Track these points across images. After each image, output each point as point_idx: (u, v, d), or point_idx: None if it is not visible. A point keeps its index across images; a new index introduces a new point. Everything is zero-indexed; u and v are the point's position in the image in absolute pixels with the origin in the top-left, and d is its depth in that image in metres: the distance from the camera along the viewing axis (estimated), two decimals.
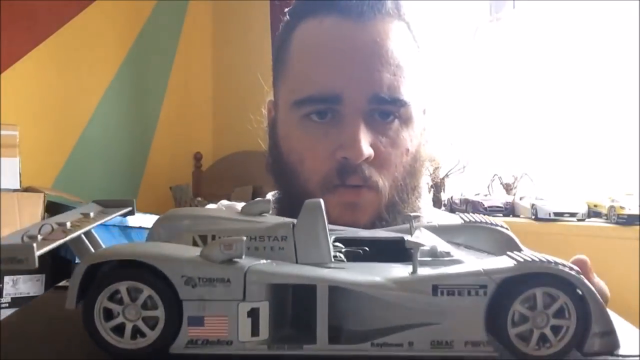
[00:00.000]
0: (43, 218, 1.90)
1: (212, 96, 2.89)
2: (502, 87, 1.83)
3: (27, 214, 1.85)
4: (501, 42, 1.83)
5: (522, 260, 0.28)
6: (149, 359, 0.28)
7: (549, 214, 1.43)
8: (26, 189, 1.98)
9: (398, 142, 0.57)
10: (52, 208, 1.98)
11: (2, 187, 1.88)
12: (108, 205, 0.42)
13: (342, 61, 0.56)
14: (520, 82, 1.79)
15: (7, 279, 1.80)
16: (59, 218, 0.35)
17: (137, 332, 0.28)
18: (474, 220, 0.41)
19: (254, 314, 0.27)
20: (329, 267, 0.30)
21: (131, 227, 1.80)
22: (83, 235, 0.35)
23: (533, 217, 1.47)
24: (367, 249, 0.35)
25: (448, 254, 0.32)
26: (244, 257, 0.28)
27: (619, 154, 1.55)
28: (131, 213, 0.43)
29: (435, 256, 0.32)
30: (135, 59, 2.67)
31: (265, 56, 2.25)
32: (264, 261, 0.29)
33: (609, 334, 0.28)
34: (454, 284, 0.27)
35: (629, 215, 1.31)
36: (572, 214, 1.42)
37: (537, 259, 0.28)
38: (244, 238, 0.28)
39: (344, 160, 0.55)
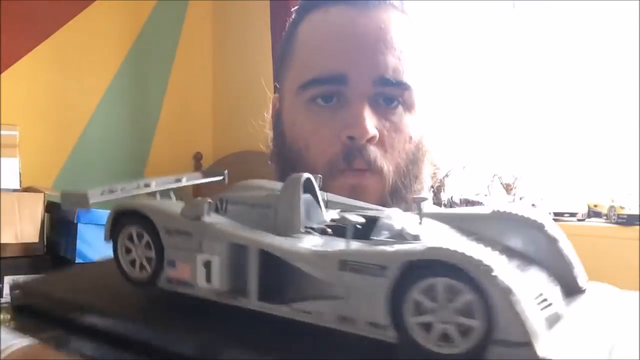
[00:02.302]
0: (43, 218, 1.90)
1: (212, 96, 2.89)
2: (502, 87, 1.83)
3: (27, 214, 1.85)
4: (501, 42, 1.83)
5: (438, 245, 0.25)
6: (146, 286, 0.35)
7: (549, 214, 1.43)
8: (26, 189, 1.98)
9: (401, 128, 0.58)
10: (52, 208, 1.98)
11: (2, 187, 1.88)
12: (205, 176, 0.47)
13: (347, 44, 0.57)
14: (520, 82, 1.79)
15: (7, 279, 1.80)
16: (162, 182, 0.41)
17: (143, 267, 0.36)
18: (502, 211, 0.34)
19: (207, 265, 0.31)
20: (287, 237, 0.32)
21: None
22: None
23: None
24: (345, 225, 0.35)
25: (416, 237, 0.30)
26: (211, 215, 0.33)
27: (619, 154, 1.55)
28: (222, 182, 0.47)
29: (402, 239, 0.30)
30: (135, 59, 2.67)
31: (265, 56, 2.26)
32: (229, 222, 0.34)
33: (523, 345, 0.23)
34: (359, 261, 0.27)
35: (629, 215, 1.31)
36: (572, 214, 1.42)
37: (458, 248, 0.24)
38: (209, 200, 0.34)
39: (349, 142, 0.55)
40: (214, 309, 0.32)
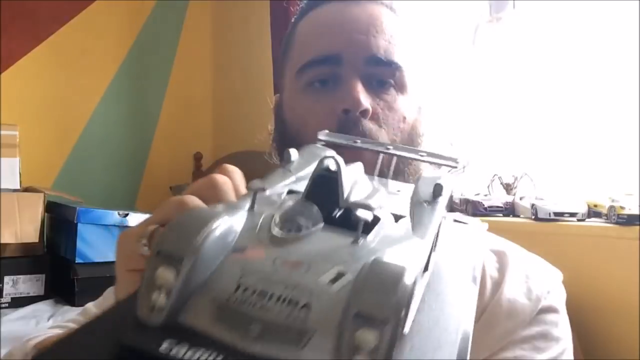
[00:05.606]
0: (43, 218, 1.90)
1: (212, 96, 2.89)
2: (502, 87, 1.83)
3: (27, 214, 1.85)
4: (501, 42, 1.83)
5: None
6: None
7: (549, 214, 1.43)
8: (26, 189, 1.98)
9: (395, 107, 0.60)
10: (52, 208, 1.98)
11: (2, 187, 1.88)
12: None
13: (341, 28, 0.61)
14: (520, 82, 1.79)
15: (7, 279, 1.80)
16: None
17: None
18: None
19: None
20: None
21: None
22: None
23: (533, 217, 1.47)
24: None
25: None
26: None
27: (619, 154, 1.55)
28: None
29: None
30: (135, 59, 2.67)
31: (265, 56, 2.25)
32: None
33: None
34: None
35: (629, 215, 1.30)
36: (572, 214, 1.42)
37: None
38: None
39: (344, 116, 0.57)
40: None
